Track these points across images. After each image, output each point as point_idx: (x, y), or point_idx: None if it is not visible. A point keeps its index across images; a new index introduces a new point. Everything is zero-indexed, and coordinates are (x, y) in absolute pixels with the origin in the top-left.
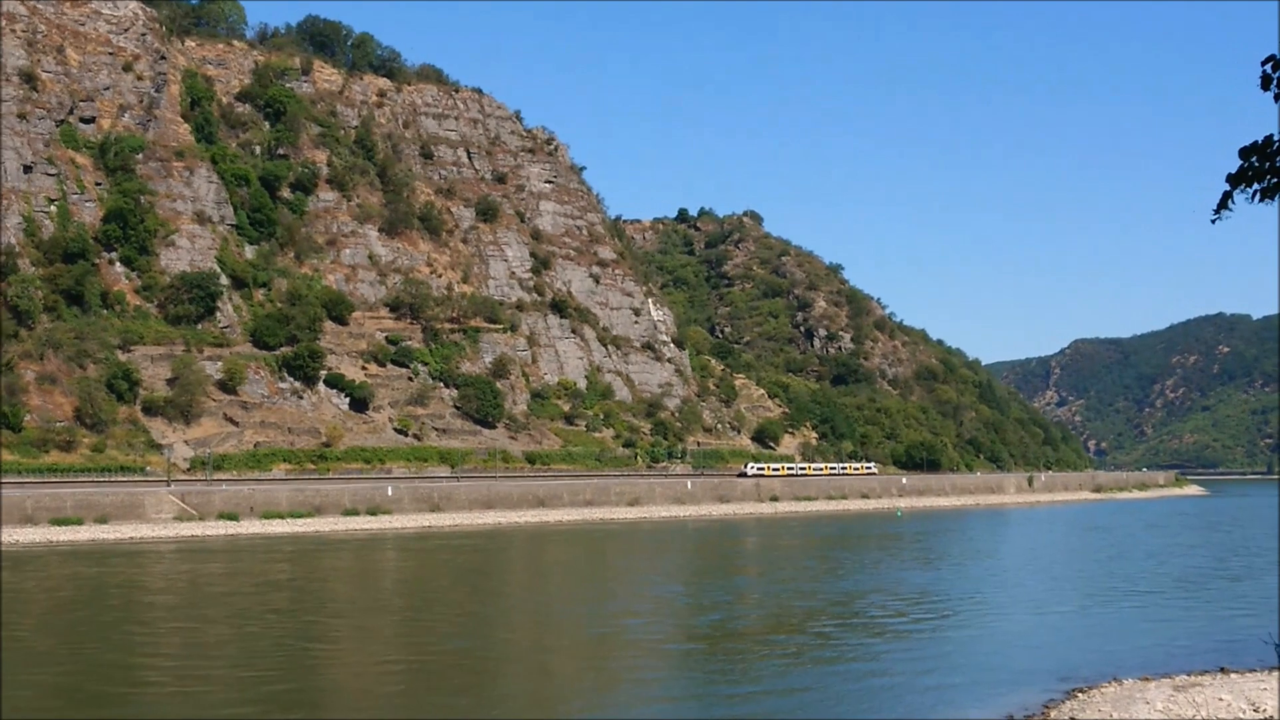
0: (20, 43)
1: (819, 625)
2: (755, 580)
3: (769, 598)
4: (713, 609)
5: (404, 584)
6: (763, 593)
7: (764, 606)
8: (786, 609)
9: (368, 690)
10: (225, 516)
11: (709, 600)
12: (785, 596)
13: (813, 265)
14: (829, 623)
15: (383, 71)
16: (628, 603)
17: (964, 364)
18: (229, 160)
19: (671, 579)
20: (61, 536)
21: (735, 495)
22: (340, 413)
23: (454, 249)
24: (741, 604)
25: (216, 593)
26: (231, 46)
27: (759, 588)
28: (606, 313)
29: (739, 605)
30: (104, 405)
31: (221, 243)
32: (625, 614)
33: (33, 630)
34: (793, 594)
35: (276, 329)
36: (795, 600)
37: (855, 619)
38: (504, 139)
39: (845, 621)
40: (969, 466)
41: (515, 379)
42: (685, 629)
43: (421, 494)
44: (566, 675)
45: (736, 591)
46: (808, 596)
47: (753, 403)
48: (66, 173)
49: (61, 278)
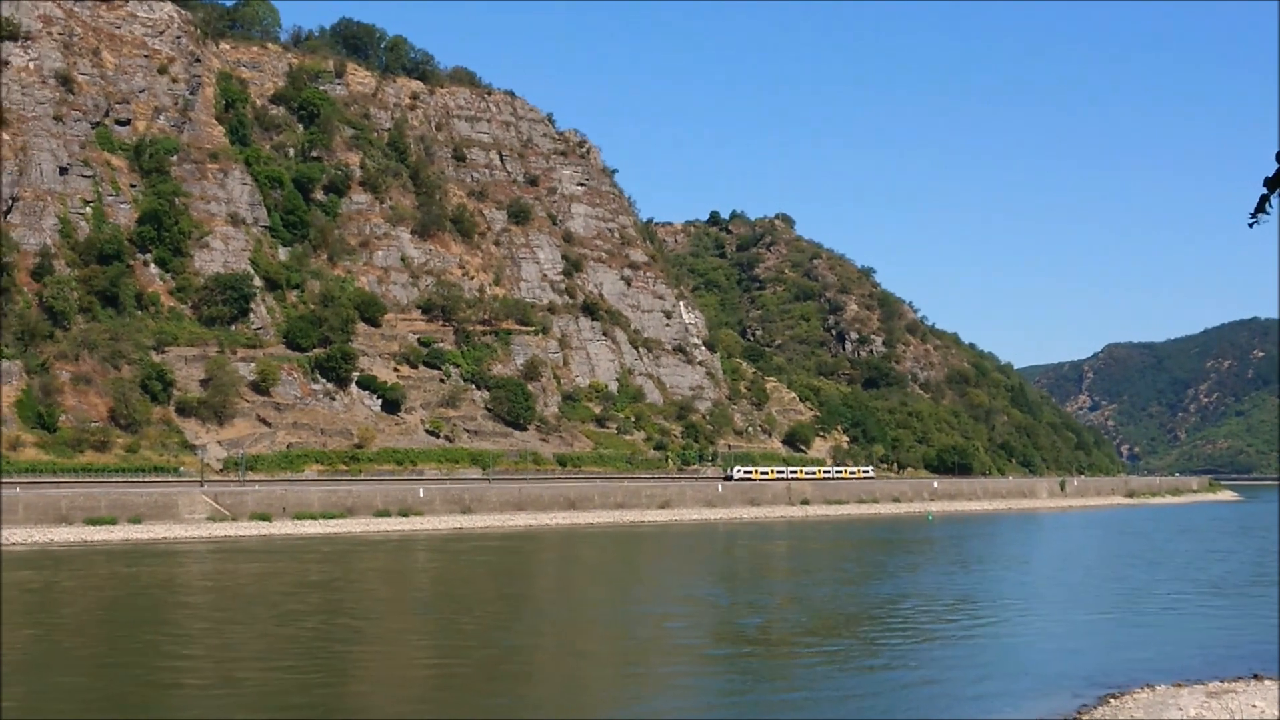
0: (57, 45)
1: (858, 629)
2: (794, 583)
3: (809, 601)
4: (753, 612)
5: (441, 585)
6: (802, 596)
7: (805, 610)
8: (826, 612)
9: (411, 691)
10: (258, 517)
11: (749, 603)
12: (824, 600)
13: (844, 268)
14: (868, 627)
15: (416, 74)
16: (668, 606)
17: (996, 368)
18: (263, 162)
19: (709, 582)
20: (96, 536)
21: (766, 499)
22: (372, 414)
23: (486, 251)
24: (783, 607)
25: (257, 593)
26: (266, 49)
27: (798, 591)
28: (638, 315)
29: (780, 609)
30: (138, 406)
31: (255, 244)
32: (666, 617)
33: (76, 628)
34: (831, 598)
35: (309, 330)
36: (835, 604)
37: (892, 622)
38: (536, 141)
39: (885, 625)
40: (1001, 471)
41: (546, 381)
42: (728, 632)
43: (453, 496)
44: (611, 679)
45: (776, 594)
46: (847, 600)
47: (784, 406)
48: (102, 175)
49: (96, 279)
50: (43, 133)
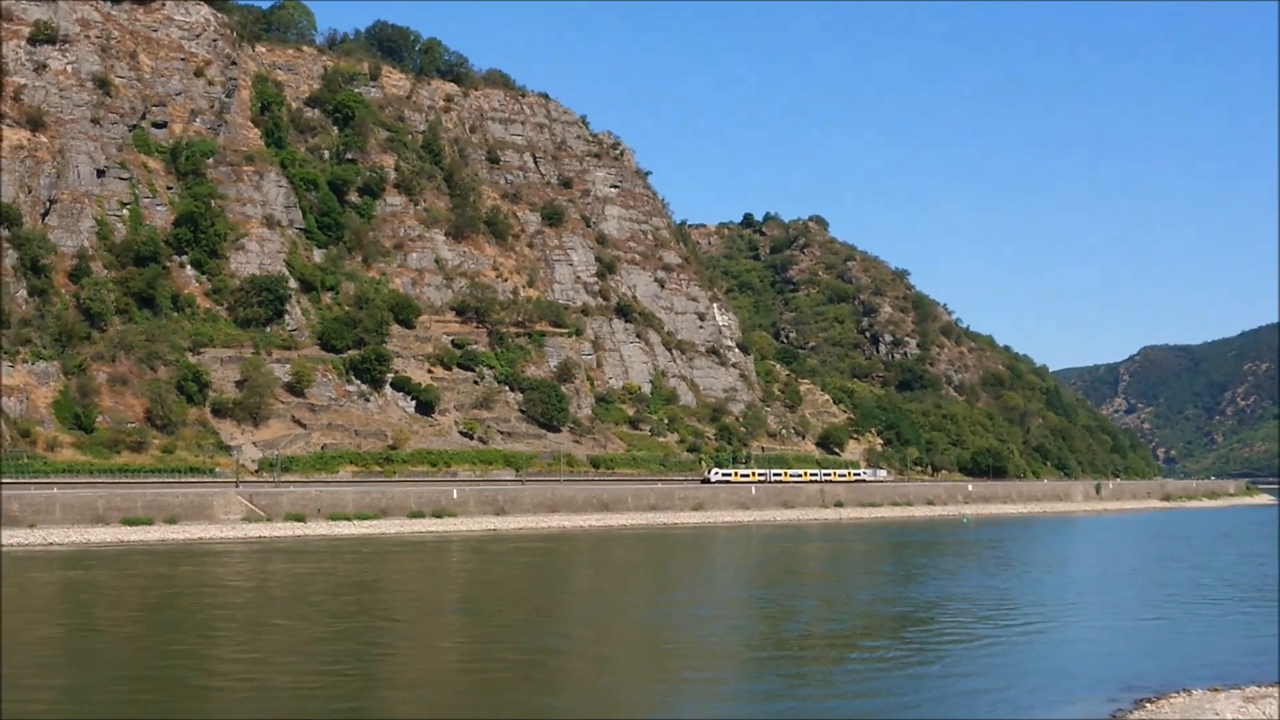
0: (94, 49)
1: (901, 631)
2: (836, 586)
3: (853, 603)
4: (798, 614)
5: (481, 586)
6: (846, 598)
7: (850, 612)
8: (870, 614)
9: (455, 695)
10: (292, 518)
11: (794, 606)
12: (868, 602)
13: (879, 270)
14: (910, 629)
15: (450, 76)
16: (711, 608)
17: (1031, 370)
18: (298, 164)
19: (749, 584)
20: (132, 536)
21: (799, 501)
22: (406, 415)
23: (520, 253)
24: (828, 609)
25: (298, 594)
26: (301, 52)
27: (841, 593)
28: (671, 317)
29: (825, 611)
30: (174, 407)
31: (290, 246)
32: (711, 619)
33: (119, 626)
34: (875, 600)
35: (344, 332)
36: (877, 606)
37: (932, 625)
38: (570, 144)
39: (926, 627)
40: (1036, 474)
41: (580, 383)
42: (775, 634)
43: (486, 497)
44: (661, 681)
45: (819, 597)
46: (889, 602)
47: (817, 408)
48: (139, 177)
49: (133, 280)
50: (80, 135)
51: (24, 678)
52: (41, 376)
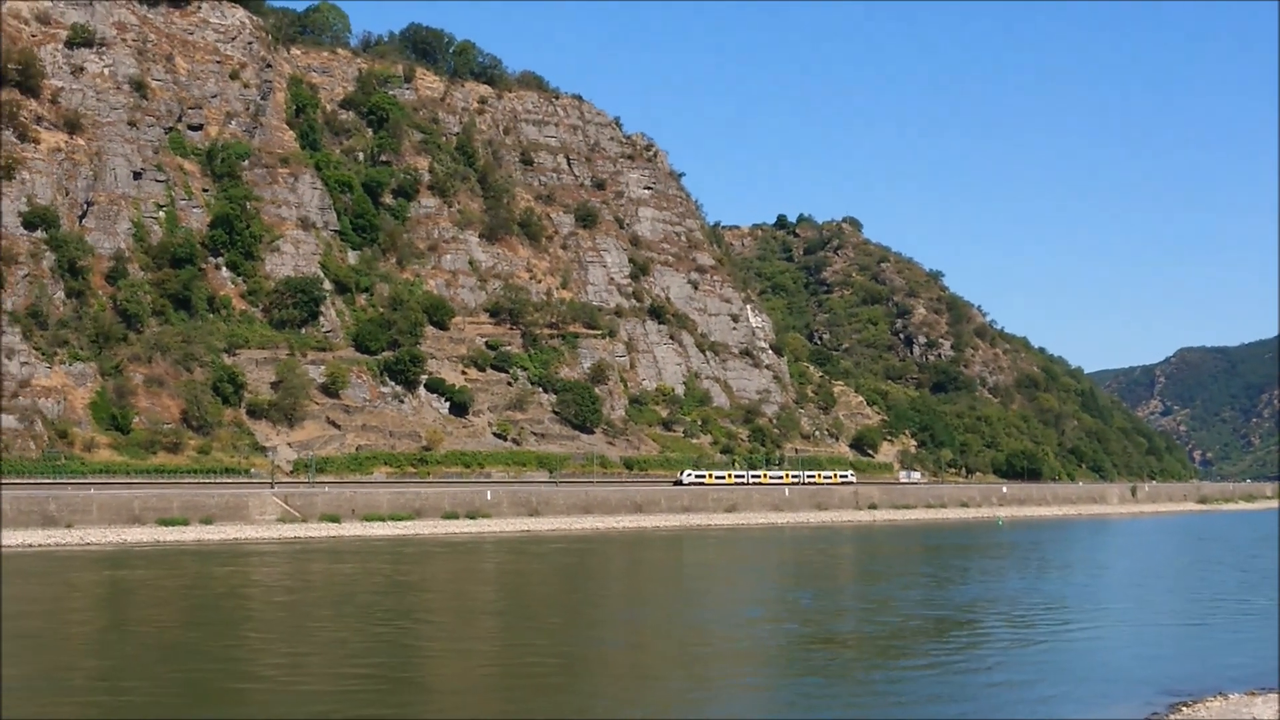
0: (131, 52)
1: (946, 633)
2: (878, 587)
3: (897, 605)
4: (839, 616)
5: (524, 587)
6: (889, 599)
7: (894, 614)
8: (910, 616)
9: (510, 695)
10: (327, 518)
11: (833, 607)
12: (907, 604)
13: (912, 272)
14: (954, 631)
15: (484, 78)
16: (756, 609)
17: (1066, 372)
18: (333, 167)
19: (790, 585)
20: (168, 537)
21: (833, 503)
22: (440, 417)
23: (553, 255)
24: (869, 611)
25: (342, 594)
26: (336, 54)
27: (884, 594)
28: (705, 319)
29: (867, 612)
30: (210, 408)
31: (325, 248)
32: (757, 621)
33: (169, 627)
34: (915, 602)
35: (378, 333)
36: (918, 608)
37: (975, 627)
38: (603, 145)
39: (968, 630)
40: (1071, 476)
41: (613, 385)
42: (817, 636)
43: (520, 498)
44: (704, 682)
45: (862, 598)
46: (928, 605)
47: (851, 410)
48: (175, 179)
49: (169, 282)
50: (117, 138)
51: (74, 678)
52: (79, 378)
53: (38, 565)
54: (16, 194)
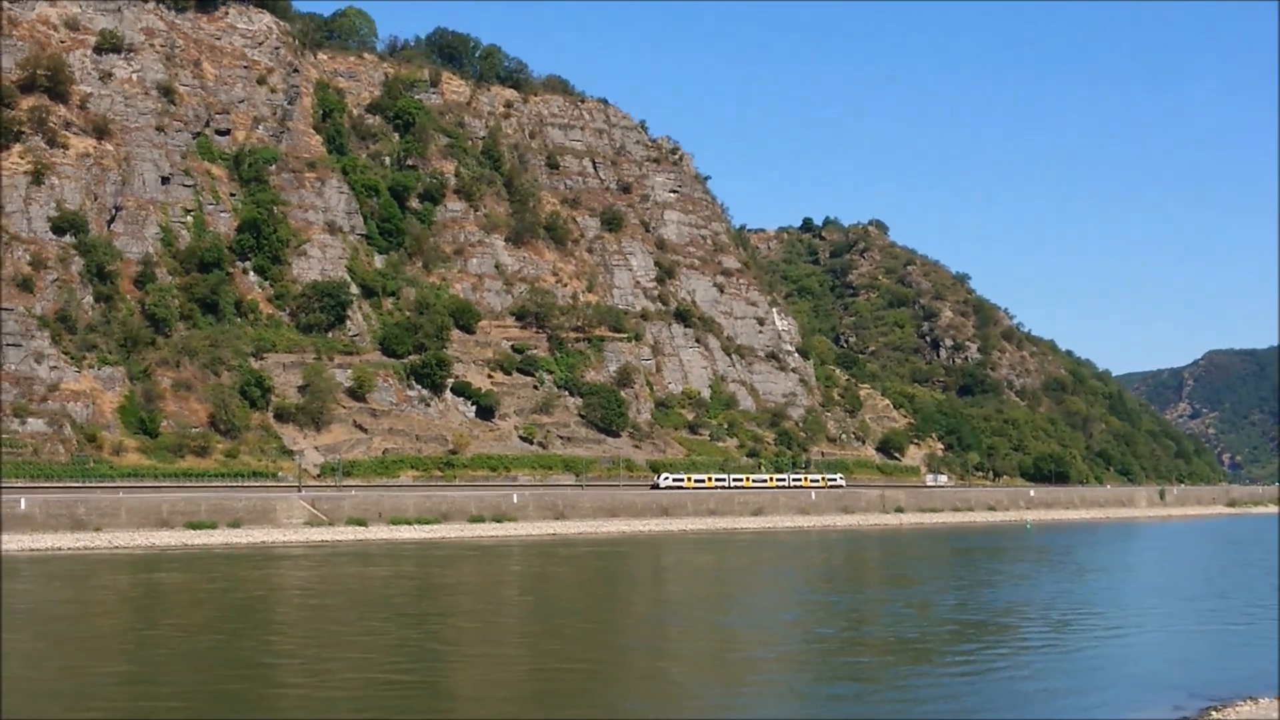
0: (158, 57)
1: (984, 636)
2: (909, 591)
3: (936, 608)
4: (874, 619)
5: (557, 590)
6: (927, 602)
7: (927, 618)
8: (945, 620)
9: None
10: (354, 522)
11: (868, 610)
12: (943, 608)
13: (939, 274)
14: (985, 634)
15: (510, 82)
16: (790, 612)
17: (1094, 375)
18: (359, 171)
19: (823, 589)
20: (196, 540)
21: (859, 506)
22: (467, 420)
23: (579, 258)
24: (905, 615)
25: (382, 596)
26: (362, 59)
27: (915, 598)
28: (730, 322)
29: (903, 616)
30: (237, 412)
31: (351, 252)
32: (792, 625)
33: (205, 630)
34: (951, 606)
35: (405, 337)
36: (953, 612)
37: (1004, 630)
38: (629, 149)
39: (998, 633)
40: (1098, 479)
41: (639, 388)
42: (853, 639)
43: (546, 502)
44: (742, 685)
45: (894, 601)
46: (962, 608)
47: (878, 413)
48: (202, 184)
49: (197, 286)
50: (145, 143)
51: (109, 680)
52: (107, 382)
53: (68, 568)
54: (46, 199)
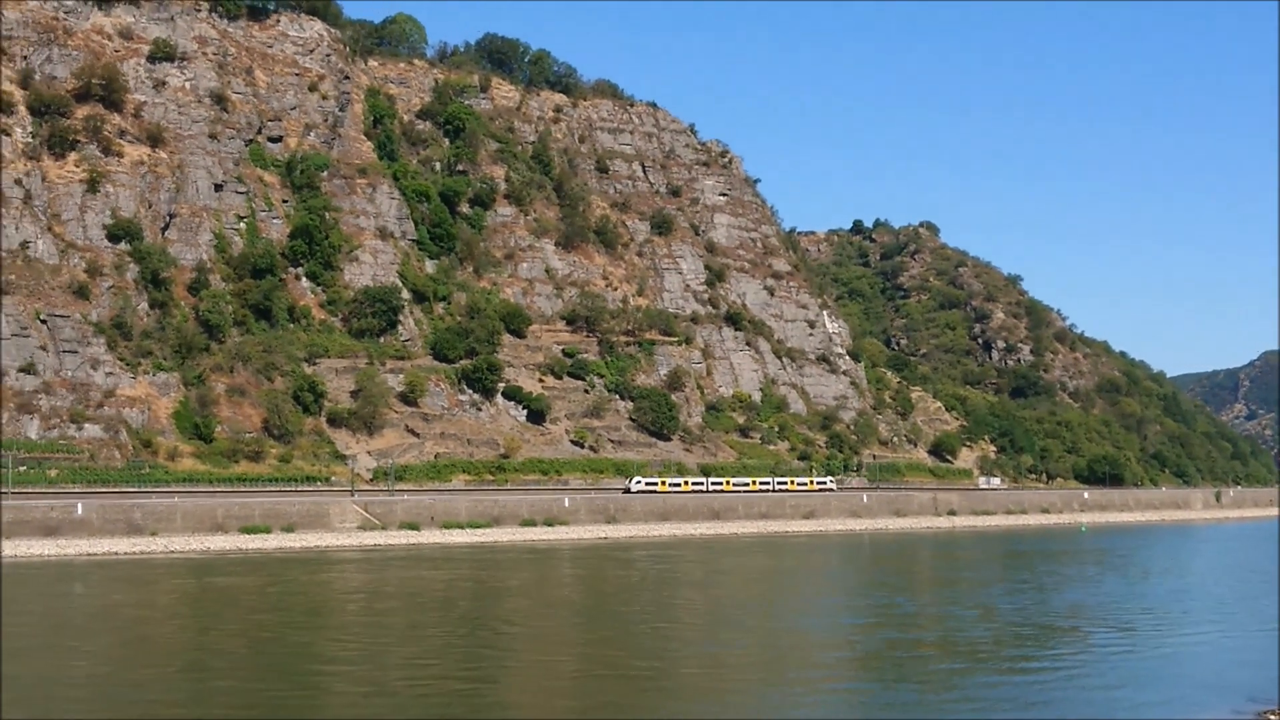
0: (211, 65)
1: (1051, 639)
2: (972, 594)
3: (1002, 612)
4: (940, 622)
5: (619, 593)
6: (991, 605)
7: (1001, 621)
8: (1021, 623)
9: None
10: (407, 526)
11: (934, 613)
12: (1016, 611)
13: (990, 276)
14: (1046, 637)
15: (559, 87)
16: (853, 615)
17: (1148, 376)
18: (410, 177)
19: (884, 591)
20: (250, 544)
21: (912, 509)
22: (518, 424)
23: (629, 262)
24: (971, 618)
25: (446, 599)
26: (412, 65)
27: (979, 601)
28: (781, 325)
29: (970, 619)
30: (290, 417)
31: (403, 258)
32: (858, 628)
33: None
34: (1016, 609)
35: (456, 342)
36: (1025, 614)
37: (1064, 633)
38: (678, 152)
39: (1060, 636)
40: (1153, 481)
41: (690, 391)
42: (920, 642)
43: (598, 506)
44: (812, 687)
45: (959, 604)
46: (1030, 611)
47: (929, 415)
48: (255, 191)
49: (250, 293)
50: (198, 150)
51: (194, 683)
52: (162, 387)
53: (132, 572)
54: (101, 207)
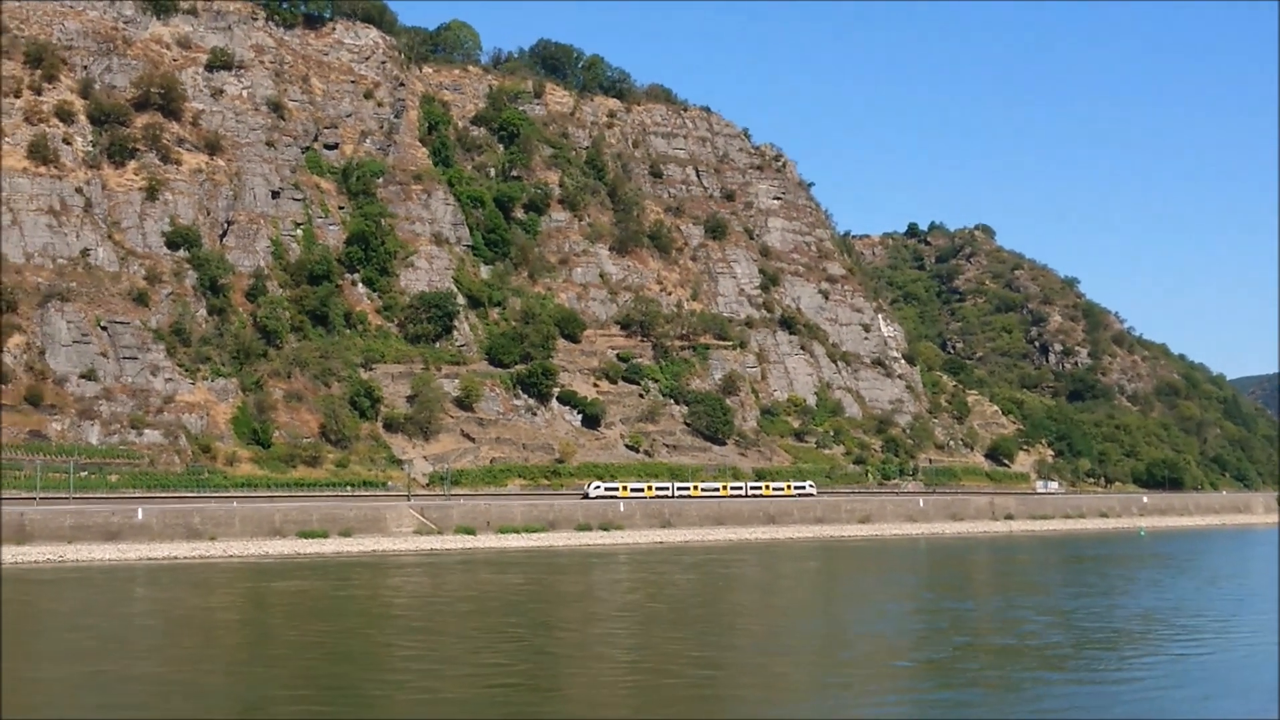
0: (268, 73)
1: (1122, 643)
2: (1043, 599)
3: (1075, 616)
4: (1013, 627)
5: (690, 597)
6: (1062, 609)
7: (1070, 624)
8: (1092, 628)
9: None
10: (463, 530)
11: (1006, 618)
12: (1086, 615)
13: (1047, 279)
14: (1116, 641)
15: (612, 92)
16: (923, 620)
17: (1208, 379)
18: (465, 182)
19: (951, 596)
20: (308, 549)
21: (968, 514)
22: (573, 429)
23: (683, 266)
24: (1044, 623)
25: (515, 603)
26: (467, 71)
27: (1052, 605)
28: (836, 329)
29: (1042, 624)
30: (347, 422)
31: (458, 263)
32: (939, 634)
33: (364, 637)
34: (1088, 613)
35: (511, 347)
36: (1097, 620)
37: (1132, 636)
38: (732, 156)
39: (1129, 640)
40: (1213, 485)
41: (745, 396)
42: (1011, 648)
43: (653, 510)
44: (890, 690)
45: (1029, 609)
46: (1103, 616)
47: (986, 419)
48: (311, 197)
49: (307, 299)
50: (255, 158)
51: (271, 685)
52: (221, 393)
53: (202, 576)
54: (160, 214)
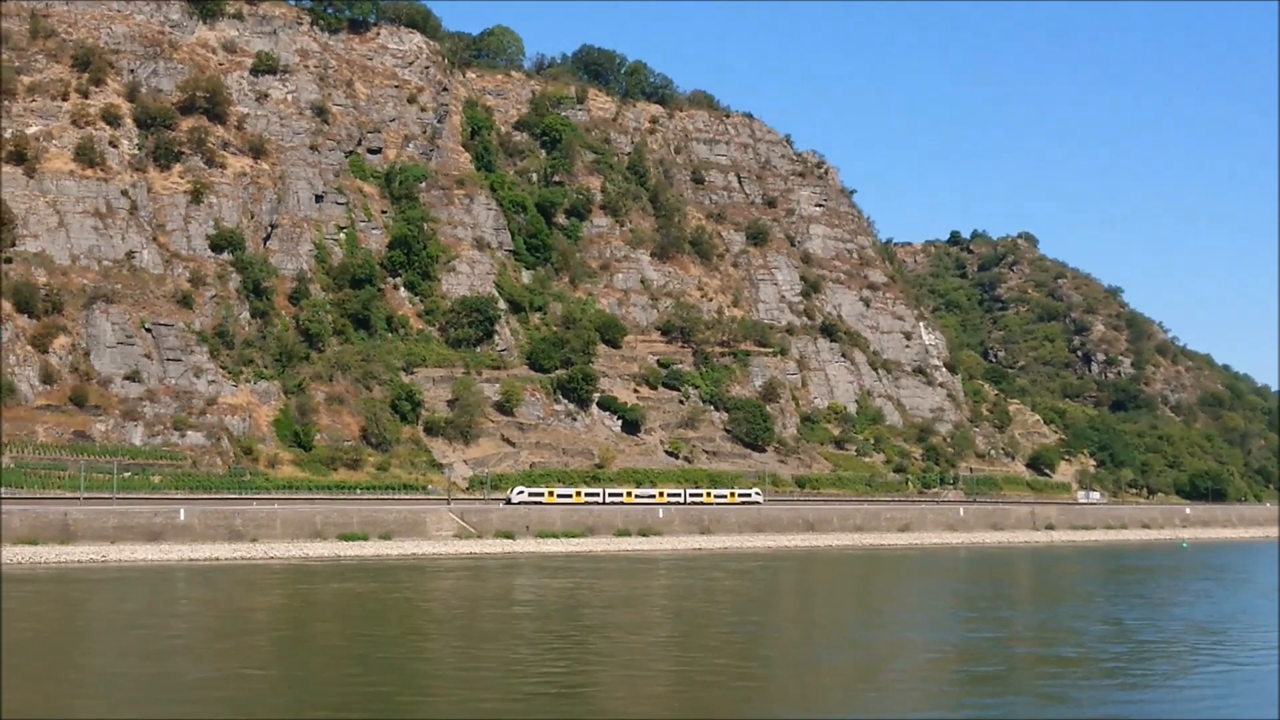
0: (312, 78)
1: (1171, 651)
2: (1100, 608)
3: (1125, 626)
4: (1077, 638)
5: (733, 602)
6: (1109, 618)
7: (1127, 635)
8: (1152, 639)
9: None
10: (502, 535)
11: (1058, 628)
12: (1137, 626)
13: (1090, 288)
14: (1169, 649)
15: (655, 98)
16: (989, 629)
17: (1252, 390)
18: (507, 187)
19: (1000, 605)
20: (348, 551)
21: (1009, 523)
22: (612, 434)
23: (724, 273)
24: (1113, 632)
25: (567, 607)
26: (510, 77)
27: (1109, 616)
28: (877, 336)
29: (1110, 633)
30: (388, 425)
31: (500, 268)
32: (1000, 640)
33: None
34: (1145, 623)
35: (552, 352)
36: (1156, 631)
37: (1183, 648)
38: (774, 163)
39: (1180, 651)
40: (1258, 497)
41: (785, 402)
42: (1074, 658)
43: (692, 516)
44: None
45: (1087, 618)
46: (1161, 626)
47: (1027, 429)
48: (354, 201)
49: (349, 302)
50: (299, 162)
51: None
52: (263, 396)
53: (248, 576)
54: (204, 217)
